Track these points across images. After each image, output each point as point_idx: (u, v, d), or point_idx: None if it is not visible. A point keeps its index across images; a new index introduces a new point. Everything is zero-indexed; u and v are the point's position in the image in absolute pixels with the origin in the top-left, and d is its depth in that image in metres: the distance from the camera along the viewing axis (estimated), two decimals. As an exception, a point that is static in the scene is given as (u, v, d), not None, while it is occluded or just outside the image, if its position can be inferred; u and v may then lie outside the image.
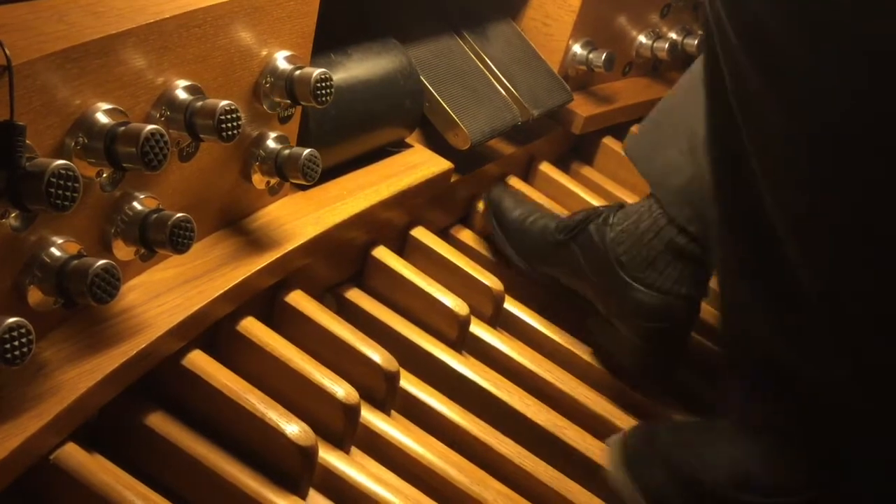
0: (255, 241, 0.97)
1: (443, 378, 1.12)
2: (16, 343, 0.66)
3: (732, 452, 0.98)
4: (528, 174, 1.52)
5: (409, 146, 1.24)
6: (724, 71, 0.92)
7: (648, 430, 1.07)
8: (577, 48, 1.51)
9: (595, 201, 1.50)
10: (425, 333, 1.15)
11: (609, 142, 1.62)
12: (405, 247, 1.25)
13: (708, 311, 1.41)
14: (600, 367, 1.24)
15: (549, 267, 1.28)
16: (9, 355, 0.66)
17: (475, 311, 1.20)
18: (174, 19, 0.79)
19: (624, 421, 1.17)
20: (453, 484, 0.99)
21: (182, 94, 0.81)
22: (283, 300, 1.03)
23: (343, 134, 1.10)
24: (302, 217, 1.03)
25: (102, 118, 0.73)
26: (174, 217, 0.79)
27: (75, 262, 0.73)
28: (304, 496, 0.90)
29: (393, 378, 1.03)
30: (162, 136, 0.73)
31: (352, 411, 0.96)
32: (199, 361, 0.90)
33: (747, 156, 0.93)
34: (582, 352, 1.26)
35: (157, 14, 0.77)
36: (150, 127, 0.72)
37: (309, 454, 0.89)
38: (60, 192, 0.66)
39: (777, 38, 0.84)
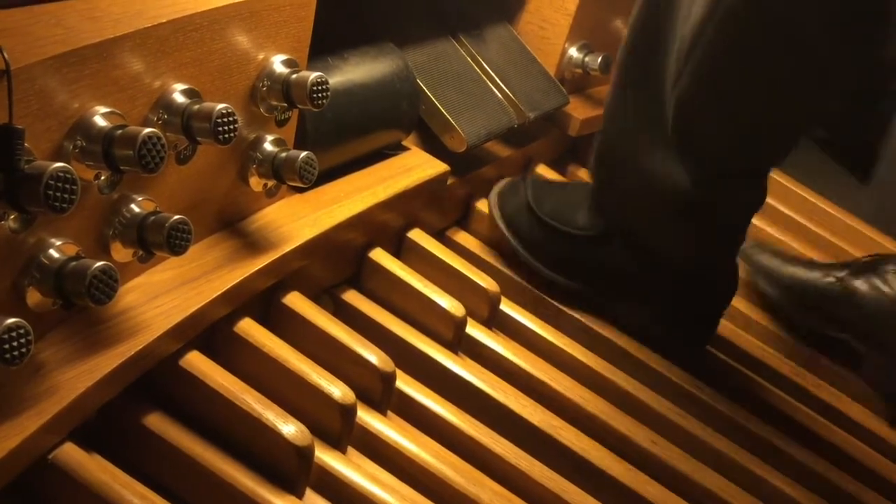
0: (252, 243, 0.98)
1: (439, 379, 1.13)
2: (14, 343, 0.67)
3: (563, 196, 1.39)
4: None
5: (405, 149, 1.25)
6: None
7: (520, 177, 1.44)
8: (573, 51, 1.52)
9: (591, 203, 1.50)
10: (422, 335, 1.16)
11: (605, 144, 1.63)
12: (402, 249, 1.26)
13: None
14: (595, 367, 1.25)
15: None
16: (7, 355, 0.66)
17: (471, 313, 1.21)
18: (171, 23, 0.80)
19: (619, 421, 1.18)
20: (449, 484, 1.00)
21: (179, 98, 0.82)
22: (281, 302, 1.04)
23: (340, 137, 1.11)
24: (299, 219, 1.04)
25: (100, 121, 0.74)
26: (171, 219, 0.80)
27: (73, 263, 0.74)
28: (300, 496, 0.91)
29: (389, 379, 1.04)
30: (159, 139, 0.74)
31: (348, 412, 0.97)
32: (197, 362, 0.91)
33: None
34: (577, 352, 1.26)
35: (153, 18, 0.78)
36: (147, 130, 0.73)
37: (306, 454, 0.90)
38: (59, 194, 0.67)
39: None
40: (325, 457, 0.95)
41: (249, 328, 0.97)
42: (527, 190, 1.38)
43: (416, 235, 1.26)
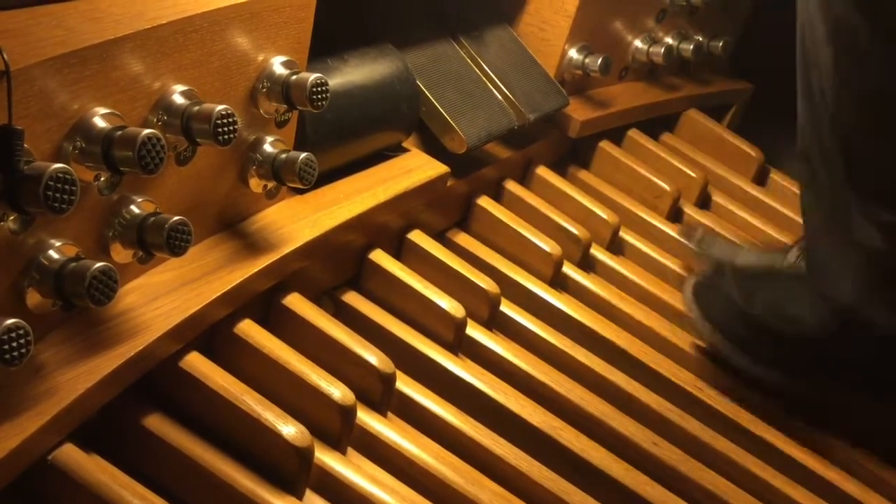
0: (252, 245, 0.98)
1: (439, 380, 1.13)
2: (14, 344, 0.67)
3: (774, 287, 1.29)
4: (524, 178, 1.52)
5: (405, 150, 1.25)
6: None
7: (716, 265, 1.35)
8: (573, 53, 1.52)
9: (592, 205, 1.50)
10: (422, 336, 1.16)
11: (605, 145, 1.63)
12: (402, 250, 1.26)
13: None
14: (595, 368, 1.25)
15: None
16: (7, 356, 0.67)
17: (471, 314, 1.21)
18: (171, 25, 0.80)
19: (618, 422, 1.17)
20: (449, 485, 1.00)
21: (179, 99, 0.82)
22: (281, 303, 1.04)
23: (339, 138, 1.11)
24: (299, 220, 1.04)
25: (100, 122, 0.74)
26: (171, 220, 0.80)
27: (73, 264, 0.74)
28: (300, 497, 0.91)
29: (389, 380, 1.04)
30: (158, 140, 0.74)
31: (348, 413, 0.97)
32: (197, 363, 0.91)
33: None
34: (577, 353, 1.26)
35: (154, 20, 0.78)
36: (146, 131, 0.73)
37: (305, 455, 0.90)
38: (58, 195, 0.67)
39: None
40: (325, 457, 0.95)
41: (249, 329, 0.97)
42: (730, 285, 1.29)
43: (417, 237, 1.26)
